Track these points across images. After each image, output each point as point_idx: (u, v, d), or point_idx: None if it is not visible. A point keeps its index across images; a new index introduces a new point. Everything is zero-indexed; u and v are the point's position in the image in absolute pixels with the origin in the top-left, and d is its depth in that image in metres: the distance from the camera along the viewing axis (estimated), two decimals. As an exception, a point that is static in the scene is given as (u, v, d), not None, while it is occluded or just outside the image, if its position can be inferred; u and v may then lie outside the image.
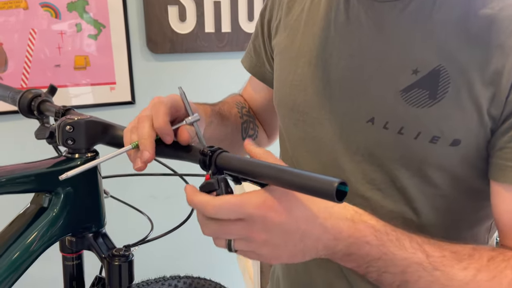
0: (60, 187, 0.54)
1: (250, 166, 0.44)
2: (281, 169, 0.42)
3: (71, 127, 0.54)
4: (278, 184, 0.42)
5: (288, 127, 0.66)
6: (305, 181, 0.39)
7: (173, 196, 1.62)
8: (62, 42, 1.32)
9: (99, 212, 0.58)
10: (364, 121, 0.55)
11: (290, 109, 0.64)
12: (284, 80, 0.66)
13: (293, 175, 0.40)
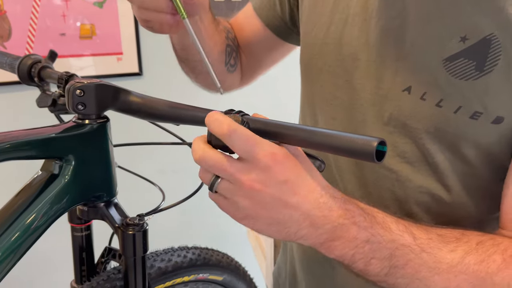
0: (71, 154, 0.52)
1: (277, 128, 0.42)
2: (312, 131, 0.39)
3: (81, 91, 0.52)
4: (310, 146, 0.40)
5: (315, 90, 0.63)
6: (341, 142, 0.37)
7: (179, 171, 1.60)
8: (66, 10, 1.28)
9: (111, 181, 0.57)
10: (400, 89, 0.52)
11: (319, 70, 0.61)
12: (314, 38, 0.62)
13: (327, 136, 0.38)
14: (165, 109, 0.54)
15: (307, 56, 0.63)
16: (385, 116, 0.53)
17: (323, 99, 0.61)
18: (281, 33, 0.73)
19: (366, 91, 0.55)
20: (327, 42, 0.59)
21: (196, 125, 0.52)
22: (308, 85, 0.64)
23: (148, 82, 1.43)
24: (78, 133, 0.52)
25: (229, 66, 0.73)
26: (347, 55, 0.56)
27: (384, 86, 0.53)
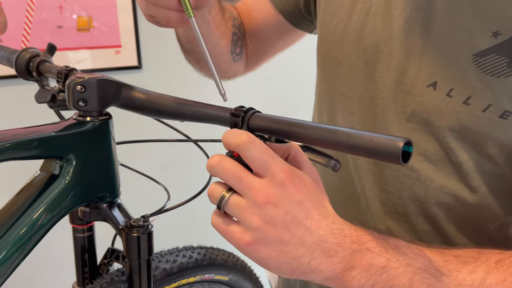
0: (72, 153, 0.49)
1: (294, 126, 0.39)
2: (333, 129, 0.37)
3: (82, 87, 0.49)
4: (330, 146, 0.37)
5: (332, 83, 0.60)
6: (364, 142, 0.34)
7: (180, 167, 1.58)
8: (63, 2, 1.25)
9: (114, 181, 0.54)
10: (425, 85, 0.49)
11: (339, 62, 0.58)
12: (333, 28, 0.59)
13: (348, 135, 0.35)
14: (171, 105, 0.51)
15: (325, 47, 0.61)
16: (407, 112, 0.51)
17: (341, 93, 0.58)
18: (293, 19, 0.70)
19: (387, 85, 0.52)
20: (348, 33, 0.56)
21: (204, 122, 0.49)
22: (326, 78, 0.61)
23: (147, 75, 1.40)
24: (79, 131, 0.50)
25: (235, 55, 0.70)
26: (369, 47, 0.54)
27: (407, 81, 0.50)
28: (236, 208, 0.38)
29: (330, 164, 0.43)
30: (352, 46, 0.56)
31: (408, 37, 0.50)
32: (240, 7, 0.76)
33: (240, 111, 0.44)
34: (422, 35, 0.49)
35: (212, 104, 0.48)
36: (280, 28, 0.71)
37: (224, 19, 0.66)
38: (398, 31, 0.51)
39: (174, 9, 0.50)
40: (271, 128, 0.41)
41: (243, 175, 0.38)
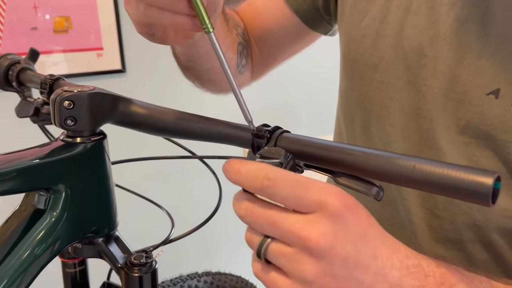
0: (60, 183, 0.41)
1: (337, 153, 0.32)
2: (390, 158, 0.29)
3: (70, 103, 0.41)
4: (388, 179, 0.30)
5: (366, 91, 0.53)
6: (437, 177, 0.27)
7: (169, 176, 1.49)
8: (38, 1, 1.14)
9: (111, 211, 0.46)
10: (483, 93, 0.42)
11: (373, 67, 0.51)
12: (365, 29, 0.52)
13: (414, 167, 0.28)
14: (177, 122, 0.43)
15: (355, 51, 0.53)
16: (459, 124, 0.44)
17: (378, 103, 0.51)
18: (309, 21, 0.63)
19: (434, 94, 0.46)
20: (384, 34, 0.49)
21: (218, 142, 0.42)
22: (356, 86, 0.54)
23: (132, 80, 1.31)
24: (68, 156, 0.41)
25: (241, 67, 0.63)
26: (410, 50, 0.47)
27: (460, 89, 0.44)
28: (280, 257, 0.29)
29: (371, 192, 0.36)
30: (390, 50, 0.49)
31: (459, 37, 0.44)
32: (244, 10, 0.67)
33: (264, 131, 0.36)
34: (478, 35, 0.42)
35: (227, 121, 0.41)
36: (294, 30, 0.64)
37: (229, 29, 0.58)
38: (446, 31, 0.45)
39: (184, 13, 0.38)
40: (307, 153, 0.34)
41: (278, 218, 0.29)
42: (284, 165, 0.31)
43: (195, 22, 0.38)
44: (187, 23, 0.38)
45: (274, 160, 0.32)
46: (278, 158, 0.32)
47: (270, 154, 0.32)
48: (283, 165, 0.31)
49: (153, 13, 0.38)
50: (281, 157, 0.32)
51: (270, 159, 0.32)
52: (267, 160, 0.32)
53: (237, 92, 0.37)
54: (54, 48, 1.19)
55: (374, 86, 0.51)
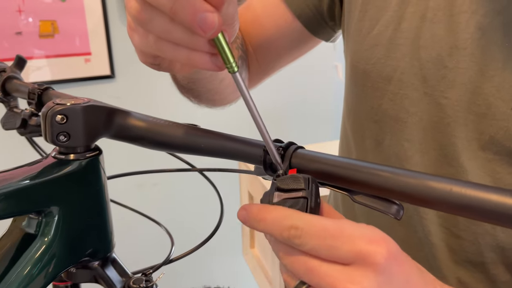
0: (53, 205, 0.38)
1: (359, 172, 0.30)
2: (422, 180, 0.27)
3: (63, 117, 0.37)
4: (417, 203, 0.27)
5: (379, 103, 0.50)
6: (480, 203, 0.24)
7: (160, 184, 1.45)
8: (23, 4, 1.10)
9: (107, 231, 0.43)
10: (508, 107, 0.40)
11: (387, 78, 0.48)
12: (377, 37, 0.49)
13: (450, 191, 0.25)
14: (179, 136, 0.40)
15: (366, 61, 0.50)
16: (482, 140, 0.42)
17: (392, 116, 0.49)
18: (312, 26, 0.60)
19: (455, 107, 0.43)
20: (398, 43, 0.47)
21: (226, 158, 0.39)
22: (368, 97, 0.51)
23: (121, 85, 1.27)
24: (61, 175, 0.38)
25: None
26: (427, 60, 0.44)
27: (482, 102, 0.42)
28: None
29: (391, 211, 0.33)
30: (405, 60, 0.46)
31: (481, 47, 0.41)
32: (242, 15, 0.63)
33: (277, 147, 0.33)
34: (502, 45, 0.40)
35: (235, 136, 0.38)
36: (296, 36, 0.61)
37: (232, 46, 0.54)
38: (466, 40, 0.42)
39: (203, 51, 0.31)
40: (326, 172, 0.31)
41: (315, 265, 0.27)
42: (309, 199, 0.29)
43: (215, 60, 0.32)
44: (206, 62, 0.32)
45: (297, 197, 0.29)
46: (299, 190, 0.29)
47: (288, 185, 0.29)
48: (308, 200, 0.29)
49: (165, 48, 0.32)
50: (303, 190, 0.29)
51: (290, 192, 0.29)
52: (287, 193, 0.29)
53: (266, 135, 0.32)
54: (39, 53, 1.15)
55: (388, 99, 0.48)
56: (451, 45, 0.43)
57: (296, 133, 1.67)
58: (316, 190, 0.30)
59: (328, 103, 1.71)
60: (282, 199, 0.29)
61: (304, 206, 0.28)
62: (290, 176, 0.30)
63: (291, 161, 0.33)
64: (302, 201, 0.28)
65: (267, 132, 0.32)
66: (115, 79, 1.26)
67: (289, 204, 0.28)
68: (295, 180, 0.29)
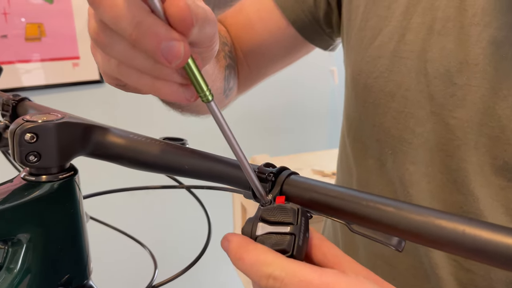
0: (21, 233, 0.34)
1: (359, 206, 0.27)
2: (430, 216, 0.24)
3: (33, 136, 0.34)
4: (431, 245, 0.24)
5: (381, 121, 0.46)
6: (500, 246, 0.22)
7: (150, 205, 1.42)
8: (8, 7, 1.06)
9: (83, 258, 0.40)
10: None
11: (390, 95, 0.45)
12: (379, 49, 0.46)
13: (464, 233, 0.23)
14: (160, 155, 0.37)
15: (367, 74, 0.47)
16: (495, 165, 0.39)
17: (395, 136, 0.45)
18: (307, 32, 0.57)
19: (464, 128, 0.40)
20: (402, 56, 0.44)
21: (212, 181, 0.36)
22: (370, 114, 0.48)
23: (110, 91, 1.23)
24: (30, 199, 0.35)
25: (228, 91, 0.56)
26: (435, 76, 0.41)
27: (495, 124, 0.38)
28: None
29: (392, 242, 0.30)
30: (410, 75, 0.43)
31: (494, 64, 0.38)
32: (233, 18, 0.60)
33: (268, 174, 0.30)
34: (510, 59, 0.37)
35: (224, 157, 0.35)
36: (290, 42, 0.58)
37: (217, 57, 0.51)
38: (478, 55, 0.39)
39: (170, 81, 0.28)
40: (321, 202, 0.28)
41: None
42: (297, 236, 0.26)
43: (185, 91, 0.29)
44: (174, 92, 0.28)
45: (283, 232, 0.26)
46: (286, 224, 0.26)
47: (275, 217, 0.26)
48: (296, 237, 0.25)
49: (128, 74, 0.28)
50: (291, 225, 0.26)
51: (276, 226, 0.26)
52: (273, 226, 0.26)
53: (246, 166, 0.29)
54: (25, 57, 1.11)
55: (391, 117, 0.45)
56: (461, 60, 0.40)
57: (291, 138, 1.64)
58: (306, 223, 0.27)
59: (324, 108, 1.68)
60: (267, 233, 0.26)
61: (291, 245, 0.25)
62: (277, 206, 0.27)
63: (282, 188, 0.30)
64: (289, 239, 0.25)
65: (247, 161, 0.29)
66: (104, 84, 1.22)
67: (273, 241, 0.25)
68: (283, 212, 0.26)
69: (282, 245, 0.25)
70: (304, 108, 1.64)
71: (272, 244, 0.26)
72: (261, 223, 0.27)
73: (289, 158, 1.30)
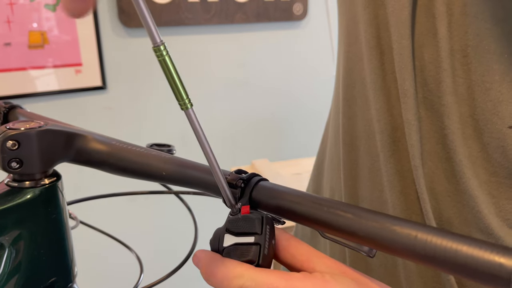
0: (3, 237, 0.35)
1: (323, 212, 0.27)
2: (386, 222, 0.24)
3: (15, 143, 0.35)
4: (387, 250, 0.25)
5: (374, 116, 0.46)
6: (446, 254, 0.22)
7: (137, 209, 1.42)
8: (12, 15, 1.08)
9: (67, 262, 0.40)
10: (505, 125, 0.36)
11: (361, 82, 0.45)
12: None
13: (415, 238, 0.23)
14: (140, 162, 0.38)
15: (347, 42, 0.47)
16: (480, 157, 0.39)
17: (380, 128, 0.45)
18: None
19: (452, 117, 0.39)
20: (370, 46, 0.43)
21: (184, 187, 0.36)
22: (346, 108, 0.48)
23: (113, 97, 1.25)
24: (13, 205, 0.36)
25: None
26: (430, 61, 0.40)
27: (479, 116, 0.38)
28: None
29: (363, 249, 0.30)
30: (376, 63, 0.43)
31: (479, 56, 0.37)
32: None
33: (238, 180, 0.31)
34: (501, 56, 0.36)
35: (202, 165, 0.36)
36: None
37: None
38: (466, 47, 0.38)
39: None
40: (288, 209, 0.29)
41: None
42: (262, 245, 0.26)
43: None
44: None
45: (249, 243, 0.26)
46: (251, 234, 0.26)
47: (239, 228, 0.27)
48: (261, 247, 0.26)
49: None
50: (256, 235, 0.26)
51: (241, 236, 0.27)
52: (239, 237, 0.27)
53: (218, 174, 0.30)
54: (29, 64, 1.13)
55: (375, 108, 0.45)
56: (451, 48, 0.39)
57: (293, 144, 1.64)
58: (271, 231, 0.27)
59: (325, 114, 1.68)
60: (233, 245, 0.27)
61: (256, 255, 0.26)
62: (242, 217, 0.27)
63: (251, 195, 0.31)
64: (254, 249, 0.26)
65: (219, 169, 0.29)
66: (106, 90, 1.24)
67: (239, 252, 0.26)
68: (247, 222, 0.27)
69: (248, 256, 0.26)
70: (307, 113, 1.64)
71: (239, 255, 0.27)
72: (227, 234, 0.28)
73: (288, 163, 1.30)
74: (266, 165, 1.23)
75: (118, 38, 1.24)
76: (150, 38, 0.25)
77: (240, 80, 1.44)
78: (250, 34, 1.39)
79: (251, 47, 1.42)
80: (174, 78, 0.28)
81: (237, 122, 1.44)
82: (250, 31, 1.38)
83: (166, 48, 0.25)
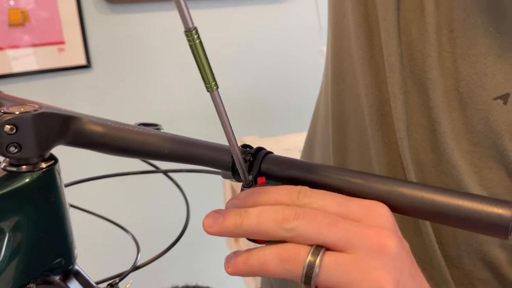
0: (4, 221, 0.35)
1: (332, 179, 0.29)
2: (394, 185, 0.27)
3: (13, 127, 0.35)
4: (397, 210, 0.27)
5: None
6: (450, 209, 0.25)
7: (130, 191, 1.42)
8: (-11, -8, 1.04)
9: (67, 244, 0.41)
10: (490, 96, 0.38)
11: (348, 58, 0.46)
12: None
13: (422, 198, 0.26)
14: (141, 141, 0.38)
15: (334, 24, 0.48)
16: (463, 129, 0.40)
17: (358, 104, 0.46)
18: None
19: (437, 90, 0.41)
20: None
21: (191, 164, 0.37)
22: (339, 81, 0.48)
23: (98, 75, 1.23)
24: (12, 190, 0.36)
25: None
26: (417, 37, 0.41)
27: (464, 89, 0.39)
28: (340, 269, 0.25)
29: None
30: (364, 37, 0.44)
31: (465, 30, 0.38)
32: None
33: (247, 154, 0.32)
34: (486, 30, 0.37)
35: (202, 141, 0.36)
36: None
37: None
38: (453, 21, 0.39)
39: None
40: (295, 178, 0.30)
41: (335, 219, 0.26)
42: None
43: None
44: None
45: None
46: None
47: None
48: None
49: None
50: None
51: None
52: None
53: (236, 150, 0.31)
54: (10, 43, 1.10)
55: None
56: (437, 23, 0.40)
57: (279, 121, 1.65)
58: None
59: (312, 90, 1.69)
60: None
61: None
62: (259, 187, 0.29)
63: (261, 167, 0.32)
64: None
65: (237, 145, 0.31)
66: (91, 69, 1.22)
67: None
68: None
69: None
70: (292, 89, 1.64)
71: None
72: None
73: (278, 139, 1.31)
74: (256, 142, 1.24)
75: (101, 15, 1.20)
76: (182, 22, 0.24)
77: (228, 57, 1.43)
78: (238, 9, 1.37)
79: (239, 23, 1.41)
80: (203, 63, 0.28)
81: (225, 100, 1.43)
82: (238, 6, 1.36)
83: (198, 33, 0.25)
